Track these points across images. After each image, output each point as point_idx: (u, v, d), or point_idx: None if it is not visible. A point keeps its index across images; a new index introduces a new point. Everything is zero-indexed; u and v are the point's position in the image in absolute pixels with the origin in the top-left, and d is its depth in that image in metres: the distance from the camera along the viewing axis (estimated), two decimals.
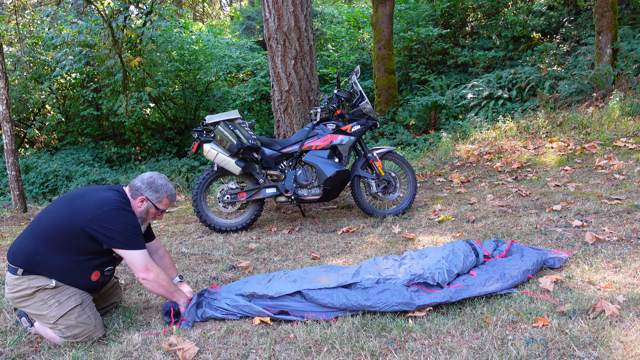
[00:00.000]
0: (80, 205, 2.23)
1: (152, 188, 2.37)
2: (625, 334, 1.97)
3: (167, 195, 2.41)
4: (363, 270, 2.54)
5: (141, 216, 2.38)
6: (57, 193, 8.23)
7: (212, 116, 4.11)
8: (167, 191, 2.41)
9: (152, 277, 2.25)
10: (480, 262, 2.70)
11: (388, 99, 9.28)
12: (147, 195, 2.36)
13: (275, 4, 4.71)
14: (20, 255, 2.18)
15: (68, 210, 2.22)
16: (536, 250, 2.85)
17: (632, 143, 5.67)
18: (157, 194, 2.38)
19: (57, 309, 2.18)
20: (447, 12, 11.34)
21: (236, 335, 2.22)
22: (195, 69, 10.57)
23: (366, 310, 2.29)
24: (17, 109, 10.08)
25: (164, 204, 2.42)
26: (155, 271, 2.27)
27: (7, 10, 10.48)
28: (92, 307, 2.29)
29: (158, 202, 2.39)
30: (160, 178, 2.41)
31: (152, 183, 2.37)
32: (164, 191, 2.39)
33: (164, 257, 2.63)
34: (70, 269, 2.19)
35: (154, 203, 2.38)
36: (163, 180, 2.41)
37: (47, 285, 2.17)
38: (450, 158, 6.62)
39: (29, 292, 2.17)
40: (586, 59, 8.49)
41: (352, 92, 4.40)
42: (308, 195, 4.19)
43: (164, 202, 2.41)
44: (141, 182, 2.37)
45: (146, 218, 2.42)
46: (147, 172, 2.45)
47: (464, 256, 2.64)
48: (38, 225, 2.23)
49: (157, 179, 2.40)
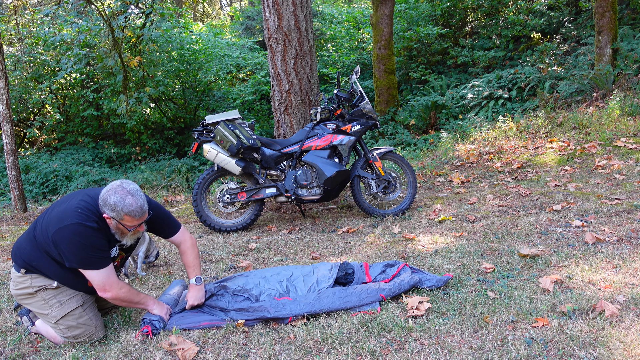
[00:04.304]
0: (53, 215, 2.13)
1: (107, 206, 2.11)
2: (625, 334, 1.97)
3: (125, 212, 2.10)
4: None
5: (116, 231, 2.19)
6: (57, 193, 8.23)
7: (212, 116, 4.11)
8: (123, 208, 2.09)
9: (110, 296, 2.16)
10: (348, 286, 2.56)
11: (388, 99, 9.28)
12: (108, 213, 2.12)
13: (275, 4, 4.71)
14: (20, 257, 2.19)
15: (47, 221, 2.15)
16: (417, 273, 2.67)
17: (632, 143, 5.67)
18: (114, 212, 2.11)
19: (58, 309, 2.18)
20: (447, 12, 11.34)
21: (236, 335, 2.22)
22: (195, 69, 10.57)
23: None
24: (17, 109, 10.08)
25: (129, 221, 2.14)
26: (114, 290, 2.15)
27: (7, 10, 10.48)
28: (93, 308, 2.29)
29: (120, 220, 2.13)
30: (114, 194, 2.10)
31: (106, 201, 2.10)
32: (120, 208, 2.09)
33: (184, 254, 2.46)
34: (66, 275, 2.18)
35: (117, 220, 2.14)
36: (117, 197, 2.09)
37: (48, 285, 2.18)
38: (450, 158, 6.62)
39: (31, 291, 2.18)
40: (586, 59, 8.49)
41: (352, 92, 4.40)
42: (308, 195, 4.19)
43: (126, 219, 2.13)
44: (100, 198, 2.13)
45: (123, 232, 2.20)
46: (112, 181, 2.20)
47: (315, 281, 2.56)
48: (34, 229, 2.20)
49: (110, 196, 2.10)
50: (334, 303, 2.35)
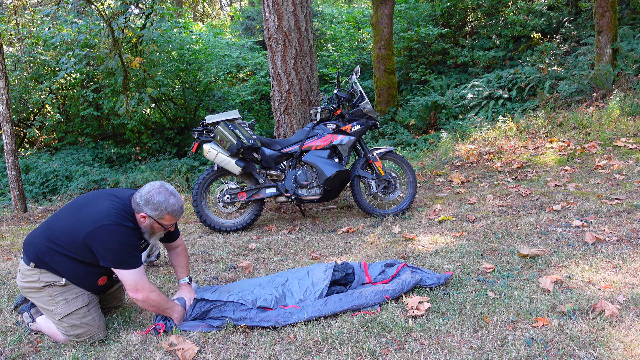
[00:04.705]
0: (83, 216, 2.16)
1: (149, 206, 2.19)
2: (625, 334, 1.97)
3: (168, 211, 2.22)
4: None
5: (147, 230, 2.26)
6: (57, 193, 8.23)
7: (212, 116, 4.11)
8: (167, 207, 2.21)
9: (141, 297, 2.17)
10: (347, 289, 2.57)
11: (388, 99, 9.28)
12: (147, 212, 2.21)
13: (275, 4, 4.71)
14: (33, 251, 2.21)
15: (74, 221, 2.18)
16: (417, 272, 2.69)
17: (632, 143, 5.67)
18: (157, 211, 2.21)
19: (63, 307, 2.20)
20: (447, 12, 11.34)
21: (236, 335, 2.22)
22: (195, 69, 10.57)
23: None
24: (17, 109, 10.08)
25: (168, 220, 2.25)
26: (146, 292, 2.18)
27: (7, 10, 10.48)
28: (97, 309, 2.30)
29: (160, 219, 2.23)
30: (158, 194, 2.20)
31: (149, 200, 2.19)
32: (163, 208, 2.20)
33: (180, 255, 2.56)
34: (77, 274, 2.20)
35: (155, 220, 2.23)
36: (161, 197, 2.20)
37: (56, 282, 2.20)
38: (450, 158, 6.62)
39: (39, 286, 2.19)
40: (586, 59, 8.49)
41: (352, 92, 4.40)
42: (308, 195, 4.19)
43: (167, 218, 2.24)
44: (139, 198, 2.21)
45: (153, 232, 2.29)
46: (151, 182, 2.29)
47: (311, 284, 2.56)
48: (51, 226, 2.23)
49: (154, 196, 2.19)
50: (342, 308, 2.37)
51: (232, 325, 2.28)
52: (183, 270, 2.56)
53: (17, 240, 4.48)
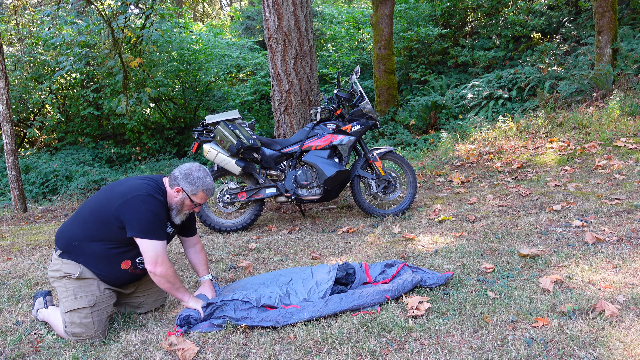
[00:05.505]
0: (116, 193, 2.27)
1: (188, 180, 2.33)
2: (625, 334, 1.97)
3: (202, 189, 2.36)
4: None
5: (176, 207, 2.36)
6: (57, 193, 8.23)
7: (212, 116, 4.11)
8: (203, 185, 2.36)
9: (159, 271, 2.23)
10: (348, 289, 2.57)
11: (388, 99, 9.28)
12: (183, 186, 2.33)
13: (275, 4, 4.71)
14: (62, 238, 2.31)
15: (106, 198, 2.29)
16: (418, 272, 2.69)
17: (632, 143, 5.67)
18: (193, 186, 2.34)
19: (70, 302, 2.23)
20: (447, 12, 11.34)
21: (236, 335, 2.22)
22: (195, 69, 10.58)
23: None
24: (17, 109, 10.08)
25: (199, 198, 2.38)
26: (165, 267, 2.24)
27: (7, 10, 10.48)
28: (101, 315, 2.27)
29: (193, 194, 2.35)
30: (198, 170, 2.36)
31: (189, 174, 2.34)
32: (200, 184, 2.34)
33: (199, 253, 2.62)
34: (101, 256, 2.26)
35: (189, 195, 2.35)
36: (201, 173, 2.36)
37: (72, 274, 2.24)
38: (450, 158, 6.62)
39: (58, 275, 2.27)
40: (586, 59, 8.49)
41: (352, 92, 4.40)
42: (308, 195, 4.19)
43: (199, 195, 2.37)
44: (179, 172, 2.35)
45: (181, 209, 2.39)
46: (188, 162, 2.41)
47: (315, 284, 2.57)
48: (81, 211, 2.34)
49: (194, 171, 2.35)
50: (342, 308, 2.37)
51: (233, 325, 2.28)
52: (204, 268, 2.62)
53: (17, 240, 4.47)
